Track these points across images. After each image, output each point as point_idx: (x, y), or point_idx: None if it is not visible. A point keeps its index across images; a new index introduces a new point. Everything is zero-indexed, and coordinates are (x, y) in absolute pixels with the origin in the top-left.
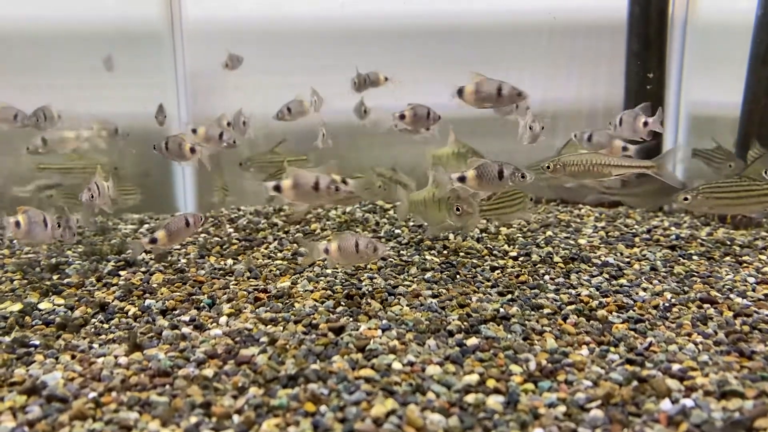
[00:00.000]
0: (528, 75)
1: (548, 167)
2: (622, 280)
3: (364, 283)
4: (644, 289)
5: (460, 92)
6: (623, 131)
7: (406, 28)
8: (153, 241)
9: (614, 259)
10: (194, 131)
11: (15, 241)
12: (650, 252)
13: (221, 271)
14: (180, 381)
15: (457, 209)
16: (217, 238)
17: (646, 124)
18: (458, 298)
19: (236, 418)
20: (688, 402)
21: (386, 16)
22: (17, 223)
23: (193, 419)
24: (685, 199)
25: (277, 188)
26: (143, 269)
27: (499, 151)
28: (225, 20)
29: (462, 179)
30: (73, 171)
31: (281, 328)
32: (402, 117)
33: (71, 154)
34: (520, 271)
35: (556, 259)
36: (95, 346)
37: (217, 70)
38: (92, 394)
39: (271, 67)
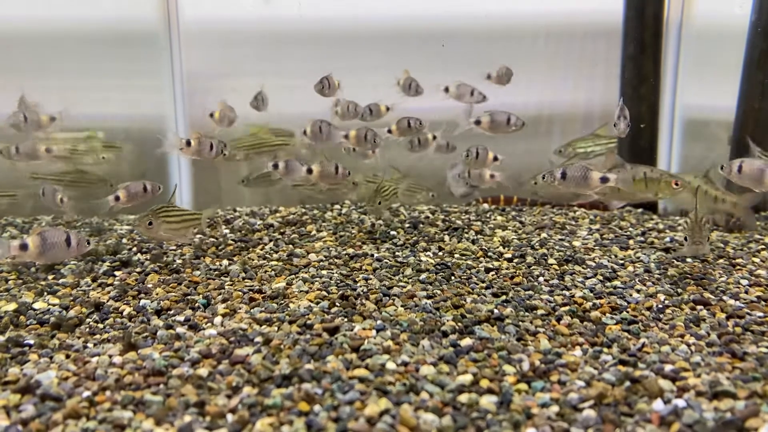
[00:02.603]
0: (524, 78)
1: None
2: (616, 282)
3: (359, 284)
4: (638, 291)
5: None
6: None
7: (404, 31)
8: (309, 171)
9: (608, 261)
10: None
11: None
12: (644, 254)
13: (216, 272)
14: (174, 380)
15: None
16: (212, 239)
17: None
18: (453, 299)
19: (230, 417)
20: (680, 402)
21: (384, 18)
22: (24, 246)
23: (187, 418)
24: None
25: (23, 247)
26: (138, 270)
27: (522, 152)
28: (222, 22)
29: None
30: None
31: (276, 328)
32: None
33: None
34: (515, 272)
35: (551, 260)
36: (90, 345)
37: (213, 71)
38: (86, 393)
39: (268, 69)
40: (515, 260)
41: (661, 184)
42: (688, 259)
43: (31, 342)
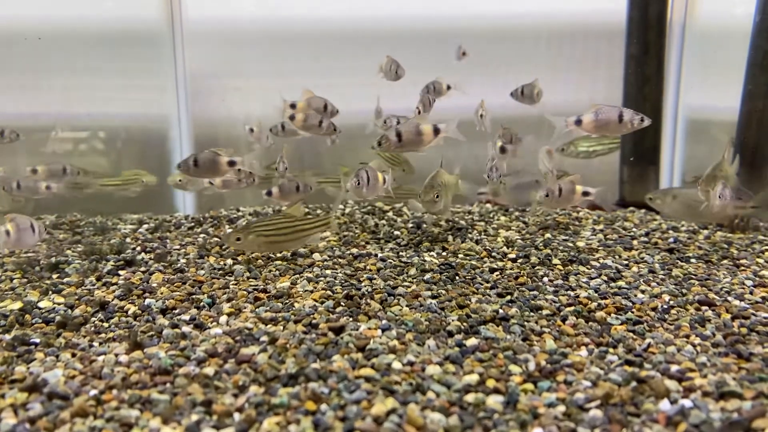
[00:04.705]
0: (527, 79)
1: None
2: (621, 282)
3: (363, 284)
4: (642, 291)
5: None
6: None
7: (406, 31)
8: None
9: (613, 261)
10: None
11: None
12: (648, 255)
13: (221, 271)
14: (181, 379)
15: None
16: (216, 239)
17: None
18: (457, 299)
19: (237, 416)
20: (687, 402)
21: (386, 18)
22: (7, 232)
23: (194, 417)
24: (237, 239)
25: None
26: (143, 269)
27: (523, 152)
28: (225, 21)
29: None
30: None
31: (281, 327)
32: None
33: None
34: (519, 272)
35: (555, 261)
36: (95, 344)
37: (217, 71)
38: (93, 392)
39: (271, 69)
40: (519, 260)
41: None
42: (693, 260)
43: (37, 340)
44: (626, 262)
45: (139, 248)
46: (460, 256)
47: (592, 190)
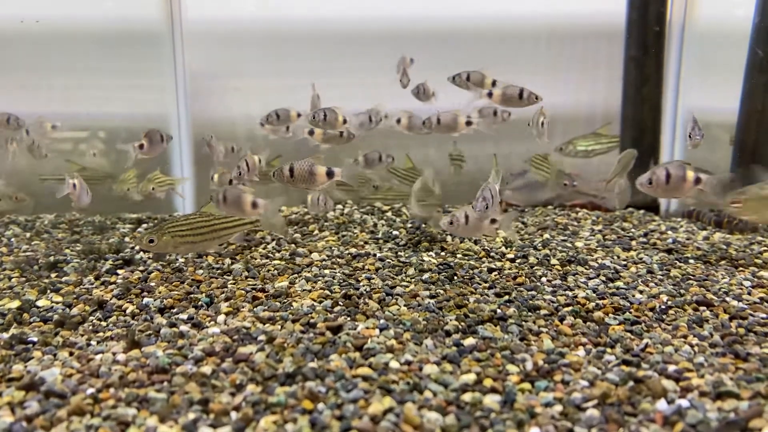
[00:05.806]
0: (527, 80)
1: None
2: (619, 283)
3: (361, 284)
4: (641, 292)
5: None
6: None
7: (405, 32)
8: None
9: (611, 261)
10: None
11: (13, 240)
12: (647, 255)
13: (219, 271)
14: (178, 378)
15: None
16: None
17: None
18: (456, 298)
19: (234, 414)
20: (684, 402)
21: (385, 19)
22: (74, 185)
23: (191, 415)
24: (150, 241)
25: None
26: (141, 268)
27: (523, 152)
28: (225, 21)
29: None
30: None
31: (279, 326)
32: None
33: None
34: (518, 272)
35: (553, 261)
36: (93, 343)
37: (216, 71)
38: (90, 390)
39: (270, 69)
40: (518, 261)
41: None
42: (691, 261)
43: (35, 339)
44: (624, 262)
45: (137, 247)
46: (459, 256)
47: (499, 218)
